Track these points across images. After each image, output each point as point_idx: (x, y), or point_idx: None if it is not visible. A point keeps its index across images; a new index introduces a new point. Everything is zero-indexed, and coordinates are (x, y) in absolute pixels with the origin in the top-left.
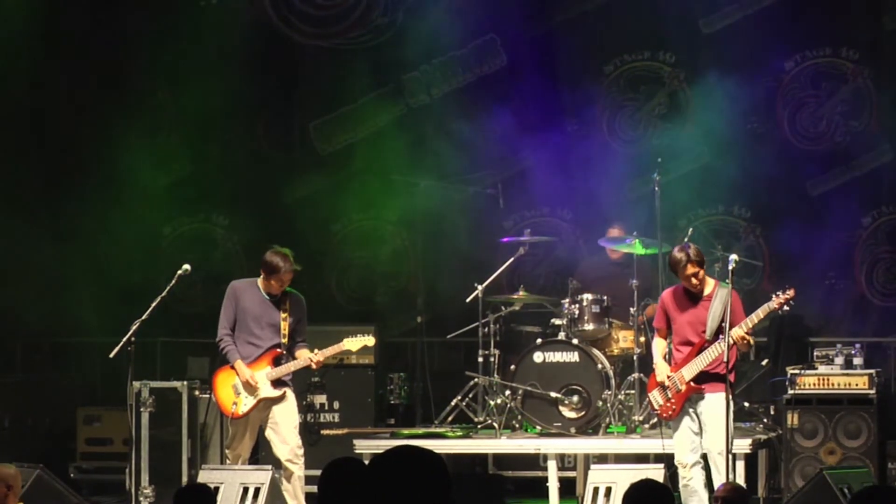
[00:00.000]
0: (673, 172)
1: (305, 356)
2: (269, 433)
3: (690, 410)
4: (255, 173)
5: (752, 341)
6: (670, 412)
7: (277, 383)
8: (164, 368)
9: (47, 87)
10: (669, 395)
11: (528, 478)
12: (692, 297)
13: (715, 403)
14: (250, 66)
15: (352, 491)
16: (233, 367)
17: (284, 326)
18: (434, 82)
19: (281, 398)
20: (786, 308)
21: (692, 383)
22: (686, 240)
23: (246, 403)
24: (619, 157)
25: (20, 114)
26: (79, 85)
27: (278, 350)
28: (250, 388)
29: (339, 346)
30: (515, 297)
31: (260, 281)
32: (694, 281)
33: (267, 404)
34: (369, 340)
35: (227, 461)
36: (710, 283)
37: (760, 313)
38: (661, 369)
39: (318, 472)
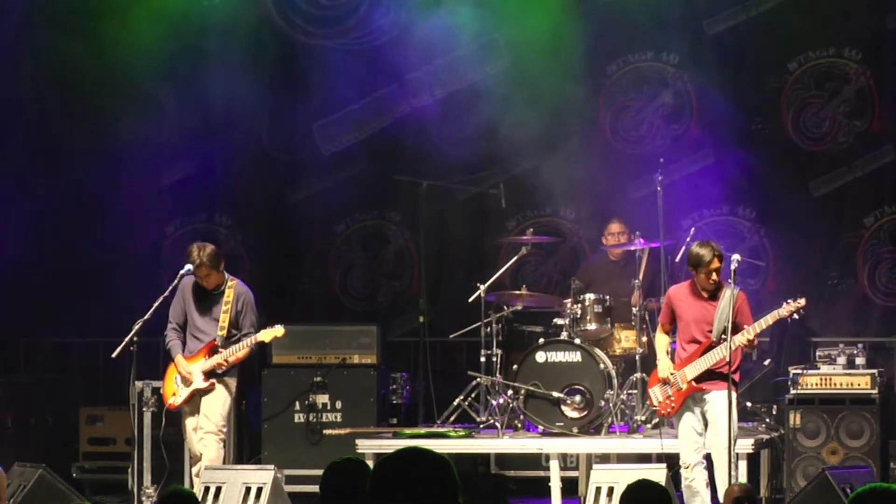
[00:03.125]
0: (676, 173)
1: (217, 359)
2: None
3: (696, 409)
4: (259, 173)
5: (757, 343)
6: (669, 409)
7: (209, 375)
8: (166, 368)
9: (46, 80)
10: (670, 393)
11: (530, 477)
12: (700, 296)
13: (719, 401)
14: (253, 66)
15: (353, 491)
16: (173, 361)
17: (224, 319)
18: (437, 82)
19: (207, 389)
20: (795, 316)
21: (693, 382)
22: (688, 240)
23: (182, 395)
24: (621, 158)
25: (18, 107)
26: (79, 81)
27: (213, 342)
28: (185, 380)
29: (253, 338)
30: (518, 293)
31: None
32: (715, 277)
33: (198, 395)
34: (279, 331)
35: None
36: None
37: (770, 319)
38: (664, 366)
39: (320, 472)
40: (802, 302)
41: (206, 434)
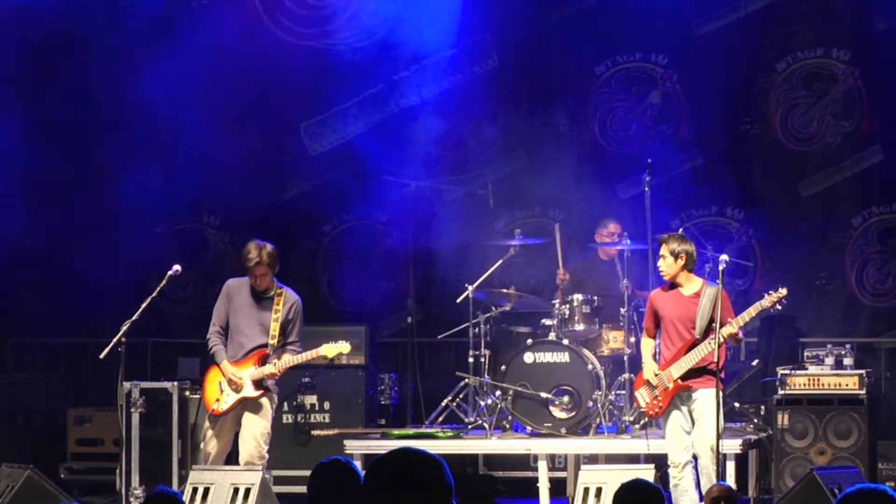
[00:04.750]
0: (665, 173)
1: (269, 369)
2: (239, 440)
3: (683, 408)
4: (247, 173)
5: (742, 337)
6: (656, 409)
7: (258, 384)
8: (154, 369)
9: (33, 79)
10: (656, 393)
11: (518, 478)
12: (681, 296)
13: (706, 399)
14: (241, 66)
15: (341, 492)
16: (218, 366)
17: (275, 327)
18: (425, 82)
19: (255, 400)
20: (778, 307)
21: (680, 381)
22: None
23: (227, 401)
24: (610, 158)
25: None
26: (67, 80)
27: (265, 350)
28: (234, 385)
29: (315, 352)
30: (506, 291)
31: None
32: (661, 268)
33: (244, 404)
34: (345, 347)
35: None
36: (696, 282)
37: (752, 311)
38: (649, 367)
39: (308, 473)
40: (784, 292)
41: (250, 458)
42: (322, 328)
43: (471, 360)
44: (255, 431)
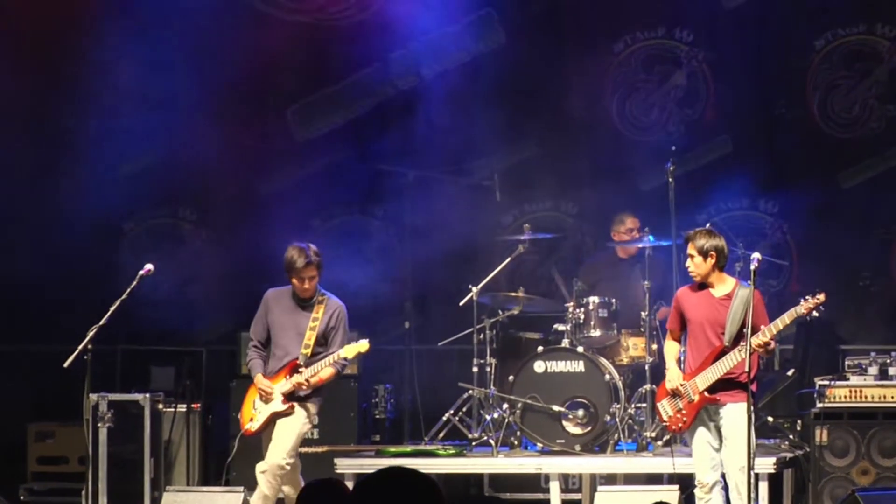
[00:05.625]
0: (691, 163)
1: (296, 378)
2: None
3: (710, 423)
4: (227, 162)
5: (774, 347)
6: (680, 424)
7: (288, 397)
8: (124, 379)
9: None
10: (680, 406)
11: (528, 500)
12: (711, 297)
13: (736, 414)
14: (222, 45)
15: None
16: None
17: (310, 336)
18: (424, 61)
19: (286, 413)
20: (815, 314)
21: (706, 393)
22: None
23: (259, 419)
24: (629, 146)
25: None
26: (33, 60)
27: (295, 361)
28: (264, 398)
29: (335, 356)
30: (515, 294)
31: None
32: (691, 268)
33: (275, 419)
34: (363, 346)
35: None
36: (729, 282)
37: (786, 318)
38: (673, 375)
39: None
40: (822, 297)
41: (268, 467)
42: None
43: (475, 369)
44: (278, 438)
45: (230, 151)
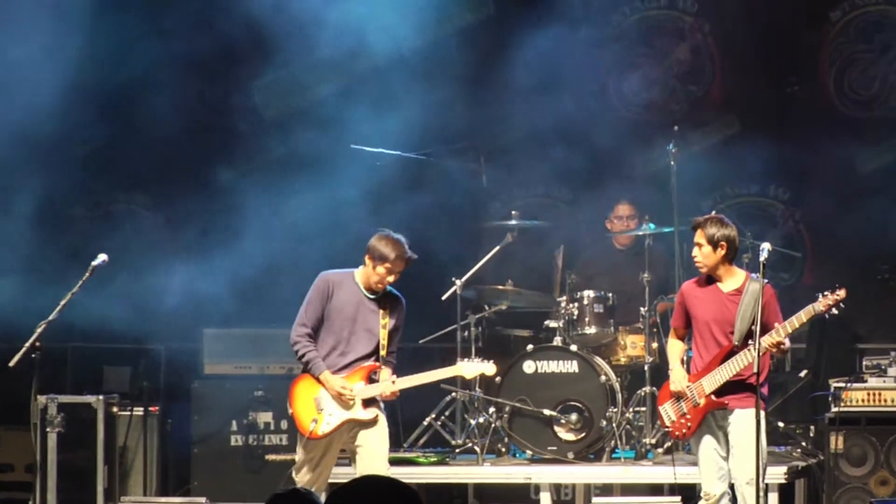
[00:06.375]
0: (694, 144)
1: (384, 380)
2: (356, 460)
3: (717, 430)
4: (186, 143)
5: (788, 347)
6: (684, 430)
7: (368, 402)
8: (75, 380)
9: None
10: (685, 410)
11: None
12: (719, 292)
13: (744, 421)
14: (181, 16)
15: None
16: (317, 379)
17: (384, 335)
18: (404, 33)
19: (372, 422)
20: (834, 311)
21: (713, 397)
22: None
23: (329, 422)
24: (628, 126)
25: None
26: None
27: (376, 364)
28: (341, 402)
29: (450, 370)
30: (502, 287)
31: (359, 273)
32: (697, 258)
33: (352, 426)
34: (489, 368)
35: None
36: (739, 275)
37: (803, 316)
38: (678, 377)
39: None
40: (842, 294)
41: None
42: (279, 331)
43: None
44: (382, 452)
45: (191, 131)
